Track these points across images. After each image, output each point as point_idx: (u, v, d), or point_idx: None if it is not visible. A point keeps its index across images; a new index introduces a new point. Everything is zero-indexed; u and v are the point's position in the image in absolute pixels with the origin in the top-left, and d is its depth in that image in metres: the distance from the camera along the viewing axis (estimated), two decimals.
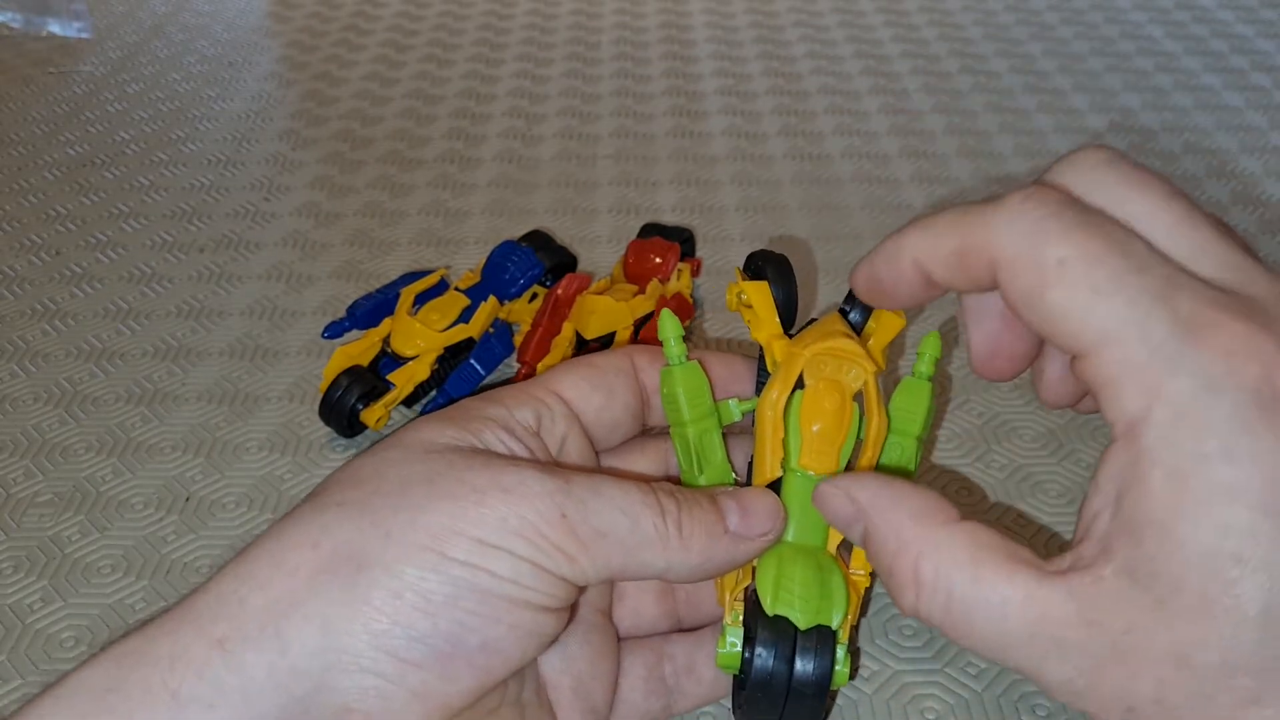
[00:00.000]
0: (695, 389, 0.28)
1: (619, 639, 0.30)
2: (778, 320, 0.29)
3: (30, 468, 0.45)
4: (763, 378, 0.29)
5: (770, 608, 0.26)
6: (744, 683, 0.26)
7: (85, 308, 0.56)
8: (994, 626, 0.21)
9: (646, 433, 0.31)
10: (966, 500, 0.43)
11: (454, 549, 0.23)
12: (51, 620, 0.38)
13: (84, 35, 0.91)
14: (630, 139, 0.75)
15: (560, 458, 0.28)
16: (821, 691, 0.25)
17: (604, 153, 0.73)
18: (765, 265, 0.32)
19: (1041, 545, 0.41)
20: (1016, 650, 0.21)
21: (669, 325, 0.29)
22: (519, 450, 0.26)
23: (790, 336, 0.29)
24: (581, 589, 0.25)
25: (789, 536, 0.27)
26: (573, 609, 0.27)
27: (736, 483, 0.29)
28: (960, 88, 0.83)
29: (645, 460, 0.31)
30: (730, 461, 0.29)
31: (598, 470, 0.27)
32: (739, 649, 0.26)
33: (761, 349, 0.29)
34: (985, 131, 0.75)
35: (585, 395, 0.29)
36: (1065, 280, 0.20)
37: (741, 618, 0.26)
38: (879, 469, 0.28)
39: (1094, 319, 0.20)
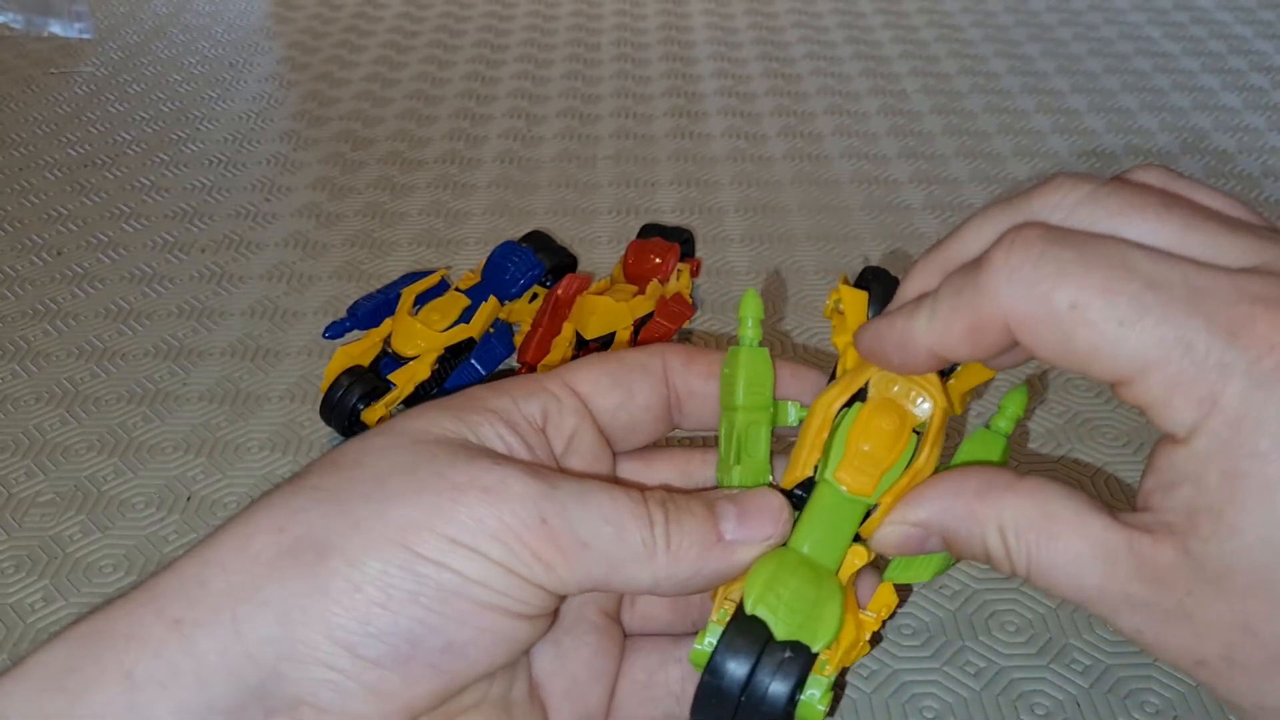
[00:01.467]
0: (757, 376, 0.27)
1: (625, 639, 0.29)
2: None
3: (32, 467, 0.45)
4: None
5: (750, 606, 0.24)
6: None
7: (87, 308, 0.56)
8: (1071, 582, 0.21)
9: (675, 441, 0.30)
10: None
11: (422, 545, 0.22)
12: (53, 619, 0.38)
13: (85, 36, 0.91)
14: (630, 140, 0.75)
15: (566, 455, 0.27)
16: (775, 714, 0.24)
17: (604, 153, 0.73)
18: (873, 282, 0.30)
19: None
20: (1093, 604, 0.21)
21: (751, 305, 0.27)
22: (517, 447, 0.25)
23: None
24: (561, 597, 0.24)
25: (804, 548, 0.26)
26: (554, 615, 0.26)
27: (771, 486, 0.28)
28: (959, 89, 0.83)
29: (669, 468, 0.30)
30: (770, 463, 0.28)
31: (590, 475, 0.26)
32: (712, 649, 0.25)
33: (837, 363, 0.28)
34: (984, 132, 0.76)
35: (602, 391, 0.27)
36: (1086, 322, 0.20)
37: (729, 618, 0.25)
38: None
39: (1128, 349, 0.20)
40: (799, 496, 0.27)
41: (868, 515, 0.27)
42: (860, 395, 0.26)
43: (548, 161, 0.72)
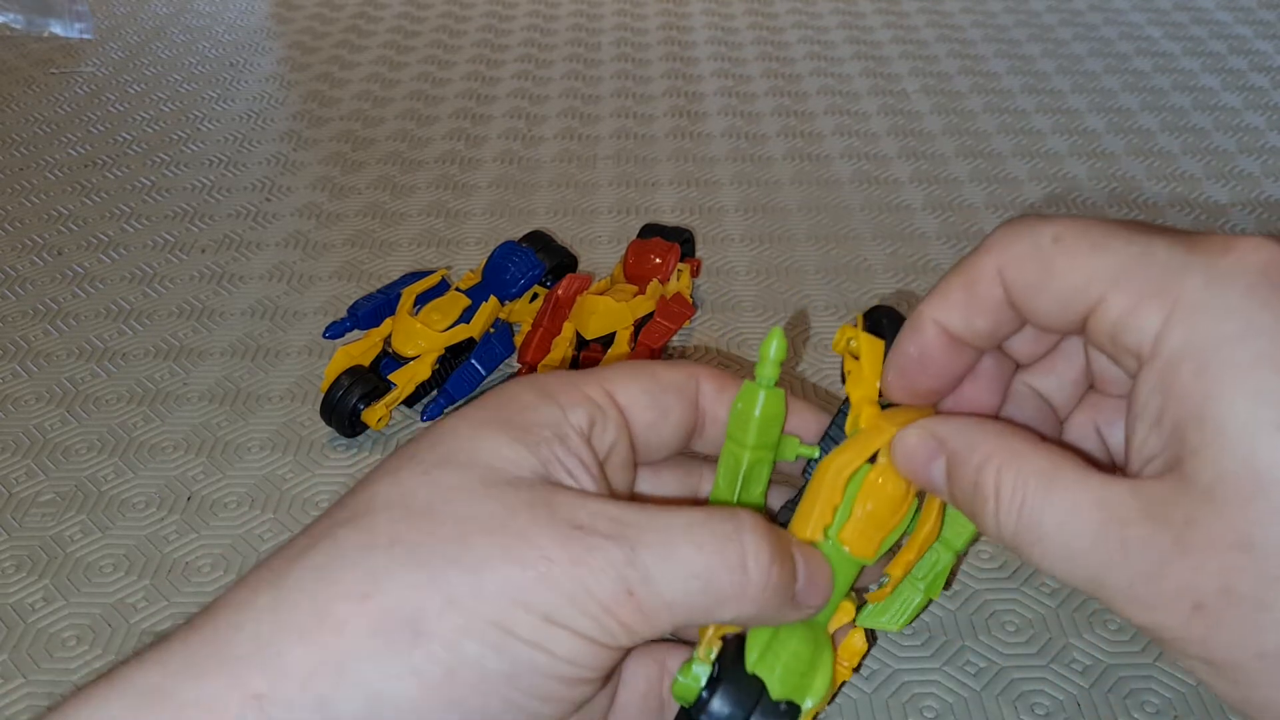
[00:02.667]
0: (771, 418, 0.27)
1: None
2: (878, 386, 0.28)
3: (32, 467, 0.45)
4: (833, 433, 0.28)
5: (751, 665, 0.25)
6: (688, 716, 0.25)
7: (87, 308, 0.56)
8: (1062, 530, 0.21)
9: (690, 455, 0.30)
10: None
11: (519, 625, 0.21)
12: (53, 619, 0.38)
13: (86, 36, 0.91)
14: (630, 140, 0.75)
15: (604, 465, 0.27)
16: None
17: (604, 153, 0.73)
18: (889, 326, 0.30)
19: None
20: (1082, 556, 0.21)
21: (776, 346, 0.26)
22: (575, 469, 0.25)
23: (884, 407, 0.28)
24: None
25: None
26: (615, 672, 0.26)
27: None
28: (959, 89, 0.83)
29: (674, 479, 0.30)
30: (766, 497, 0.28)
31: (669, 506, 0.25)
32: (700, 685, 0.25)
33: (845, 403, 0.28)
34: (984, 132, 0.76)
35: (641, 408, 0.27)
36: (1064, 249, 0.22)
37: (715, 657, 0.25)
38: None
39: (1099, 265, 0.21)
40: None
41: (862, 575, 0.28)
42: (871, 459, 0.27)
43: (548, 161, 0.72)
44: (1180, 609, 0.19)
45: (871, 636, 0.28)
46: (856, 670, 0.27)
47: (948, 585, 0.38)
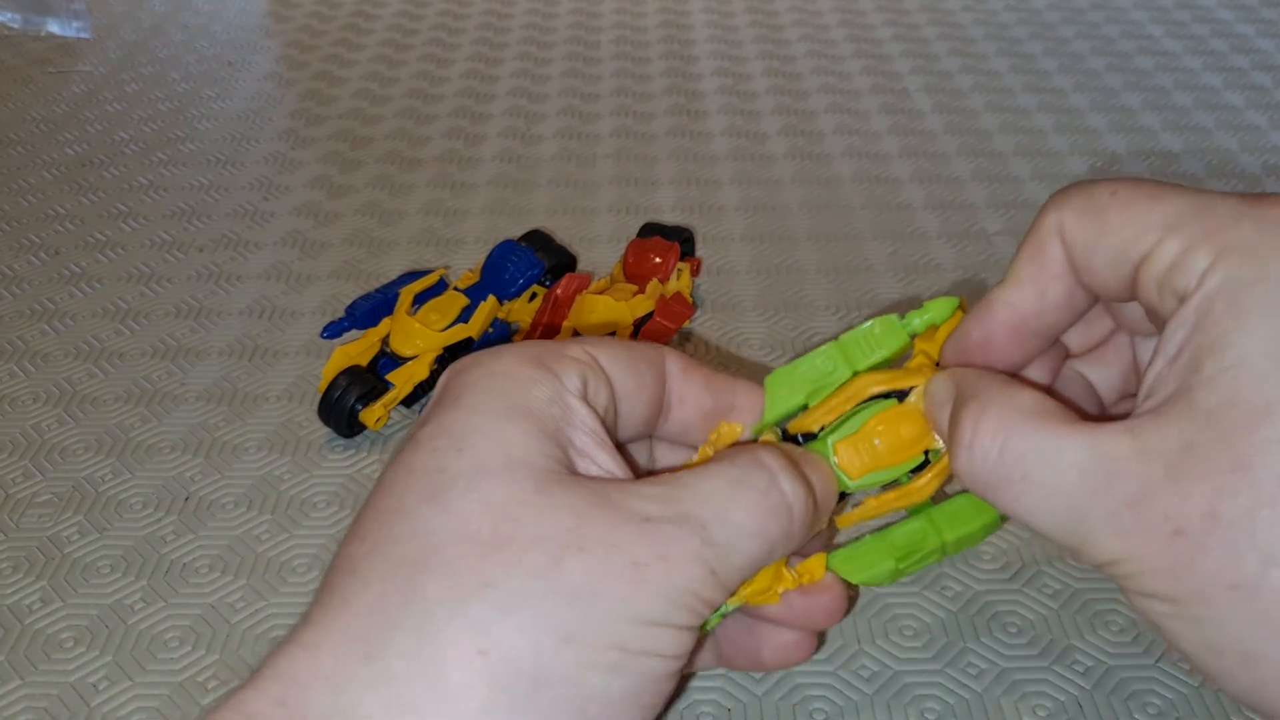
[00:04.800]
0: (880, 343, 0.27)
1: None
2: (939, 348, 0.28)
3: (29, 468, 0.45)
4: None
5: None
6: None
7: (84, 308, 0.56)
8: (1047, 464, 0.21)
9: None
10: None
11: (633, 641, 0.21)
12: (50, 621, 0.38)
13: (83, 35, 0.91)
14: (630, 139, 0.75)
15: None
16: None
17: (604, 152, 0.73)
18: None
19: None
20: (1063, 493, 0.20)
21: (941, 308, 0.27)
22: (588, 446, 0.24)
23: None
24: None
25: None
26: None
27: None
28: (961, 87, 0.83)
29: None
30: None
31: (712, 467, 0.24)
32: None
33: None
34: (986, 131, 0.75)
35: (621, 372, 0.26)
36: (1121, 201, 0.22)
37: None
38: (885, 538, 0.28)
39: (1157, 215, 0.21)
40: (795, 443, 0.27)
41: (847, 501, 0.28)
42: (901, 397, 0.26)
43: (547, 160, 0.72)
44: (1158, 536, 0.19)
45: (847, 588, 0.28)
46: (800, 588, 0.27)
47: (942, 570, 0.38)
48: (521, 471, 0.22)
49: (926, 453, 0.27)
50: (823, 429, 0.27)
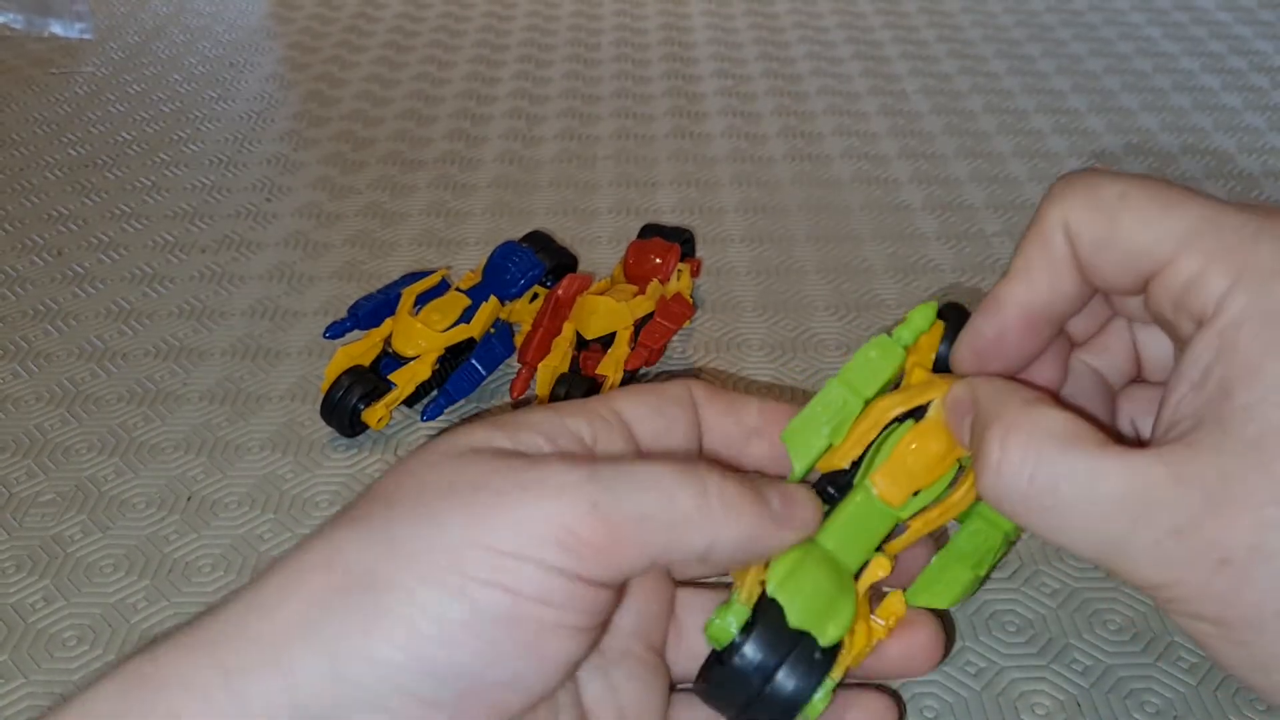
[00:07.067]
0: (878, 364, 0.27)
1: (671, 681, 0.28)
2: (933, 356, 0.28)
3: (32, 467, 0.45)
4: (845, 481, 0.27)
5: (771, 589, 0.25)
6: (720, 660, 0.25)
7: (87, 308, 0.56)
8: (1082, 493, 0.20)
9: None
10: None
11: (475, 567, 0.21)
12: (53, 620, 0.38)
13: (86, 36, 0.91)
14: (630, 140, 0.75)
15: None
16: (790, 709, 0.24)
17: (604, 153, 0.73)
18: (950, 313, 0.30)
19: None
20: (1100, 520, 0.20)
21: (923, 316, 0.27)
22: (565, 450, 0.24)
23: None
24: (616, 598, 0.23)
25: (828, 544, 0.26)
26: (604, 627, 0.24)
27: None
28: (959, 89, 0.83)
29: None
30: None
31: (624, 455, 0.25)
32: (733, 630, 0.25)
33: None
34: (984, 133, 0.76)
35: (644, 419, 0.26)
36: (1131, 206, 0.22)
37: (755, 601, 0.25)
38: (951, 553, 0.27)
39: (1171, 228, 0.21)
40: (830, 495, 0.27)
41: (896, 531, 0.27)
42: (918, 414, 0.26)
43: (548, 161, 0.72)
44: (1204, 565, 0.19)
45: (939, 621, 0.28)
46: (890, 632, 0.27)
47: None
48: (446, 449, 0.23)
49: (959, 460, 0.27)
50: (854, 463, 0.27)
